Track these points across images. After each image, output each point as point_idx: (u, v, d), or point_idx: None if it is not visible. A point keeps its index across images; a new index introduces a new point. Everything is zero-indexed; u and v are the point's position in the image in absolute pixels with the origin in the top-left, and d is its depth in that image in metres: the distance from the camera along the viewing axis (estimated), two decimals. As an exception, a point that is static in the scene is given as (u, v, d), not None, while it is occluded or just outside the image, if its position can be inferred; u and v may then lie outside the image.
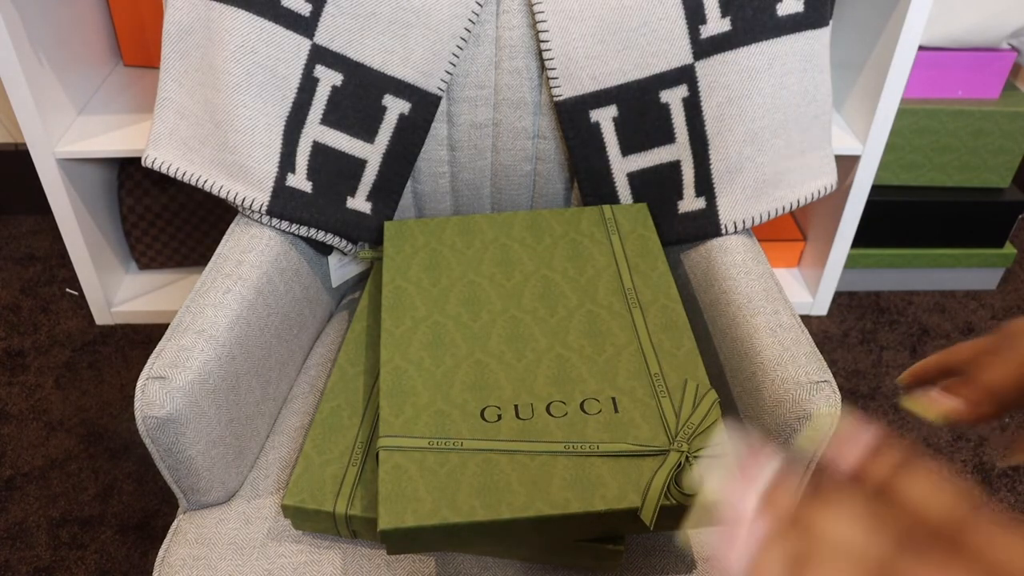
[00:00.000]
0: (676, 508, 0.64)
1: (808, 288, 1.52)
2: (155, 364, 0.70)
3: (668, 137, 0.91)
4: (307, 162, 0.88)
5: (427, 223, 0.90)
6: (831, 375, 0.73)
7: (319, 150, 0.89)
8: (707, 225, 0.91)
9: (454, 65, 0.90)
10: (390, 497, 0.64)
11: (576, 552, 0.68)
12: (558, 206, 1.00)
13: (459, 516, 0.63)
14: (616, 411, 0.71)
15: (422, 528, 0.63)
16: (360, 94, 0.89)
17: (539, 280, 0.83)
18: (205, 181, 0.86)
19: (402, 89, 0.89)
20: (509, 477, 0.66)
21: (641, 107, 0.90)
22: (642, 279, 0.83)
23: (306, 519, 0.71)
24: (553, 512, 0.63)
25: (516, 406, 0.72)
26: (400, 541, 0.64)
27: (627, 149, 0.92)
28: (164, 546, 0.74)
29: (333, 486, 0.71)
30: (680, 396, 0.72)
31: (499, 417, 0.71)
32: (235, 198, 0.86)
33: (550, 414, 0.71)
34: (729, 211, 0.90)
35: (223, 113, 0.84)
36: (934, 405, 0.46)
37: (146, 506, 1.18)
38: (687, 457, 0.67)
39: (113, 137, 1.27)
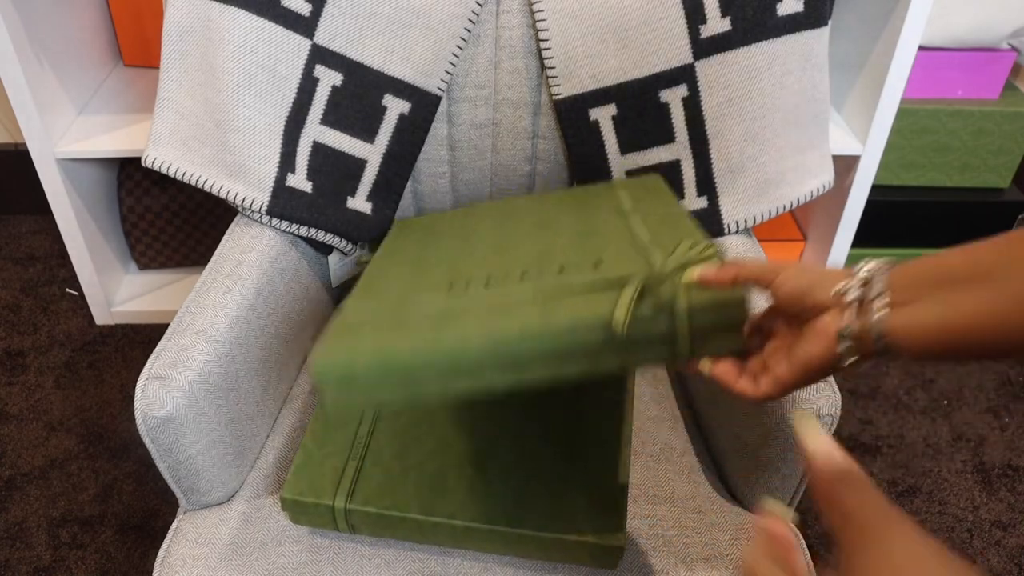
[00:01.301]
0: (651, 321, 0.55)
1: (808, 288, 1.52)
2: (155, 364, 0.70)
3: (668, 136, 0.91)
4: (307, 162, 0.88)
5: (434, 216, 0.90)
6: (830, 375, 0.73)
7: (319, 150, 0.89)
8: (710, 225, 0.91)
9: (454, 65, 0.90)
10: (331, 341, 0.60)
11: (576, 549, 0.68)
12: (558, 206, 1.00)
13: (405, 341, 0.57)
14: (596, 268, 0.63)
15: (364, 359, 0.56)
16: (360, 94, 0.89)
17: (536, 216, 0.79)
18: (205, 181, 0.86)
19: (402, 89, 0.89)
20: (466, 313, 0.60)
21: (640, 106, 0.90)
22: (645, 203, 0.76)
23: (304, 513, 0.71)
24: (511, 331, 0.56)
25: (488, 276, 0.66)
26: (336, 382, 0.56)
27: (626, 147, 0.92)
28: (164, 546, 0.74)
29: (332, 480, 0.71)
30: (673, 248, 0.63)
31: (467, 285, 0.65)
32: (235, 198, 0.86)
33: (523, 280, 0.64)
34: (732, 210, 0.90)
35: (223, 113, 0.84)
36: (732, 389, 0.55)
37: (146, 506, 1.18)
38: (673, 277, 0.58)
39: (113, 137, 1.27)
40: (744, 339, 0.56)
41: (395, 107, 0.90)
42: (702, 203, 0.91)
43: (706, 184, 0.90)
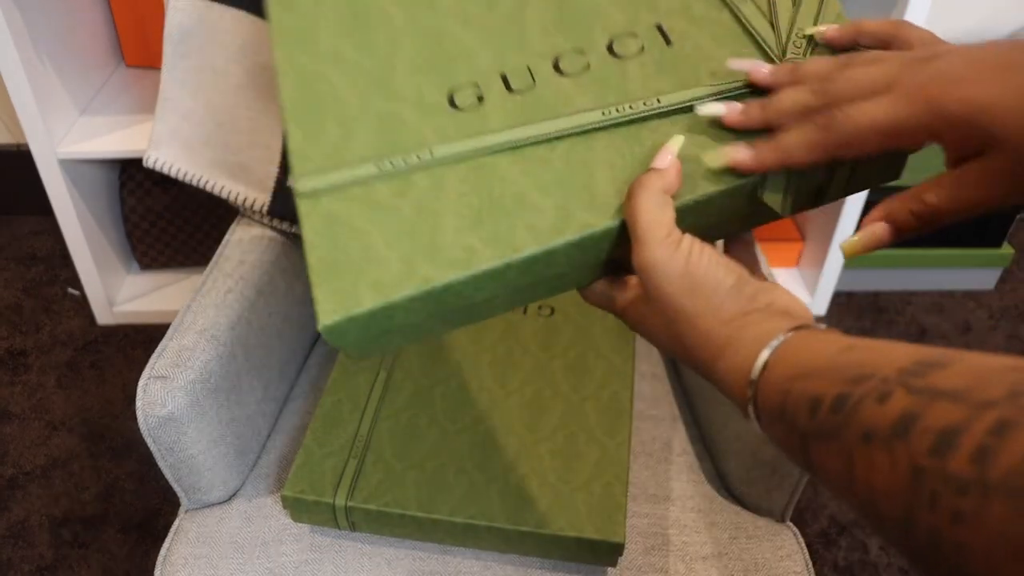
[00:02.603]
0: None
1: (807, 288, 1.52)
2: (157, 363, 0.71)
3: None
4: (308, 163, 0.89)
5: None
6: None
7: (320, 151, 0.89)
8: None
9: (454, 66, 0.90)
10: (329, 269, 0.41)
11: (575, 547, 0.69)
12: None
13: (453, 269, 0.40)
14: (669, 43, 0.46)
15: (392, 306, 0.40)
16: (361, 95, 0.89)
17: None
18: (207, 182, 0.87)
19: (402, 90, 0.90)
20: (520, 187, 0.42)
21: None
22: None
23: (305, 510, 0.72)
24: (609, 223, 0.41)
25: (503, 75, 0.46)
26: (355, 335, 0.42)
27: None
28: (166, 545, 0.74)
29: (333, 478, 0.71)
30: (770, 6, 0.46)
31: (480, 99, 0.45)
32: (236, 198, 0.86)
33: (560, 72, 0.46)
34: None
35: (224, 114, 0.84)
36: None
37: (148, 505, 1.18)
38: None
39: (115, 137, 1.28)
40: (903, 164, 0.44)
41: (395, 108, 0.90)
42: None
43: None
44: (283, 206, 0.87)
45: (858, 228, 1.43)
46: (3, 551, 1.13)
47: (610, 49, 0.46)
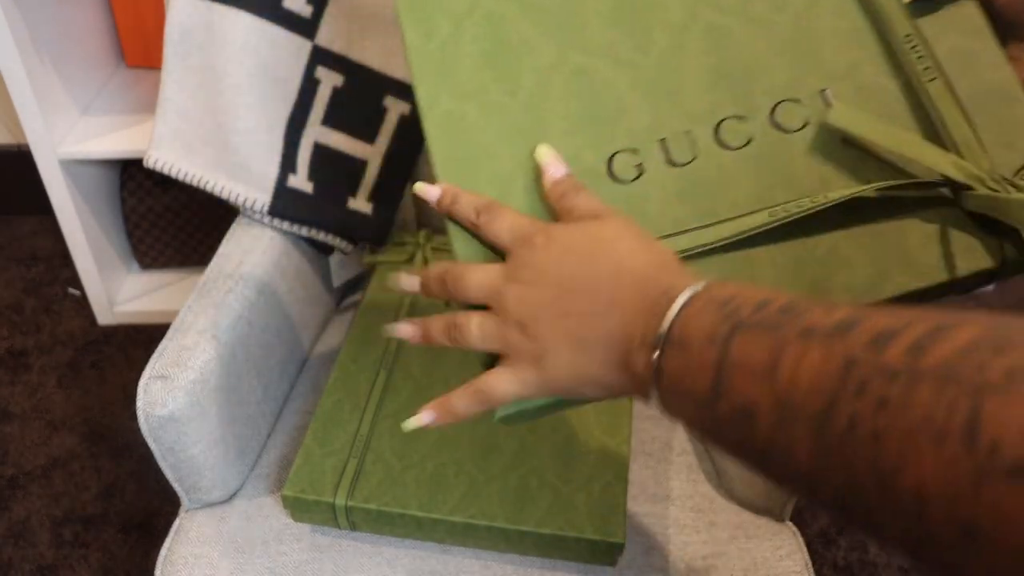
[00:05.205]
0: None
1: (808, 288, 1.52)
2: (157, 363, 0.71)
3: None
4: (308, 163, 0.89)
5: None
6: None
7: (320, 151, 0.90)
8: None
9: (454, 66, 0.90)
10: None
11: (575, 546, 0.69)
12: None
13: None
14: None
15: None
16: (361, 95, 0.89)
17: None
18: (207, 182, 0.87)
19: (403, 90, 0.90)
20: None
21: None
22: None
23: (305, 510, 0.72)
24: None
25: (663, 141, 0.43)
26: None
27: None
28: (166, 545, 0.74)
29: (333, 477, 0.72)
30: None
31: (639, 172, 0.43)
32: (237, 199, 0.86)
33: (721, 144, 0.42)
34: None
35: (225, 114, 0.84)
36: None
37: (148, 505, 1.19)
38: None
39: (116, 138, 1.28)
40: None
41: (395, 108, 0.91)
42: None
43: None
44: (283, 206, 0.87)
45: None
46: (4, 551, 1.13)
47: (772, 117, 0.42)
